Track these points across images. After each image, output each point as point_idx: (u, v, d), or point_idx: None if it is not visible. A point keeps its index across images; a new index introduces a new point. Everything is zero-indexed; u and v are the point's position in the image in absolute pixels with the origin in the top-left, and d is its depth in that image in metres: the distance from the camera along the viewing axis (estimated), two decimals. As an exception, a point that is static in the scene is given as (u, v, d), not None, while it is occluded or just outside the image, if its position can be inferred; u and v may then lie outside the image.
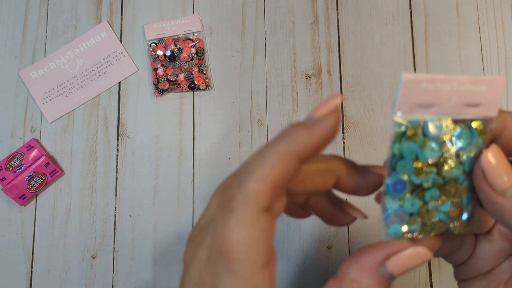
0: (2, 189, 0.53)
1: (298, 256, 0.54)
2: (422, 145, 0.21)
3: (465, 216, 0.23)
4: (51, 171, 0.53)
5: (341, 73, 0.57)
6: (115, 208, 0.54)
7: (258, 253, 0.20)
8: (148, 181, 0.55)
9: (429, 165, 0.21)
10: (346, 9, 0.58)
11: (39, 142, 0.55)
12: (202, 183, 0.55)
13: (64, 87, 0.57)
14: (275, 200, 0.21)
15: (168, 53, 0.57)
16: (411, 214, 0.22)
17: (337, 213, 0.27)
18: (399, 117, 0.21)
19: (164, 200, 0.55)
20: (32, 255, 0.53)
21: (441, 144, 0.21)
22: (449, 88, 0.20)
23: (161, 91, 0.56)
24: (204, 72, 0.57)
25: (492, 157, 0.22)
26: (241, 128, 0.56)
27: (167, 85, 0.56)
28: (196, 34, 0.58)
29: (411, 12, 0.58)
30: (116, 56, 0.58)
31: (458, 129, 0.21)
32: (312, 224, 0.54)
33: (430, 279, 0.53)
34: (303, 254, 0.54)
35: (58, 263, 0.53)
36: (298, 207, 0.28)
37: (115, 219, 0.54)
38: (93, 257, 0.53)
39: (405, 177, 0.21)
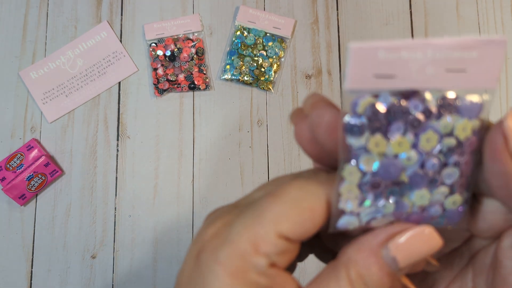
0: (2, 189, 0.53)
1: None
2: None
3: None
4: (51, 171, 0.53)
5: (341, 73, 0.57)
6: (115, 208, 0.54)
7: None
8: (148, 181, 0.55)
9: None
10: (346, 9, 0.58)
11: (39, 142, 0.55)
12: (202, 183, 0.55)
13: (64, 87, 0.57)
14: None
15: (168, 53, 0.57)
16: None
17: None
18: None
19: (164, 200, 0.55)
20: (32, 255, 0.53)
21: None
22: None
23: (161, 91, 0.56)
24: (204, 72, 0.57)
25: None
26: (241, 128, 0.56)
27: (167, 85, 0.56)
28: (196, 34, 0.58)
29: (411, 12, 0.58)
30: (116, 56, 0.58)
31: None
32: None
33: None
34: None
35: (58, 263, 0.53)
36: None
37: (115, 219, 0.54)
38: (93, 257, 0.53)
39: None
